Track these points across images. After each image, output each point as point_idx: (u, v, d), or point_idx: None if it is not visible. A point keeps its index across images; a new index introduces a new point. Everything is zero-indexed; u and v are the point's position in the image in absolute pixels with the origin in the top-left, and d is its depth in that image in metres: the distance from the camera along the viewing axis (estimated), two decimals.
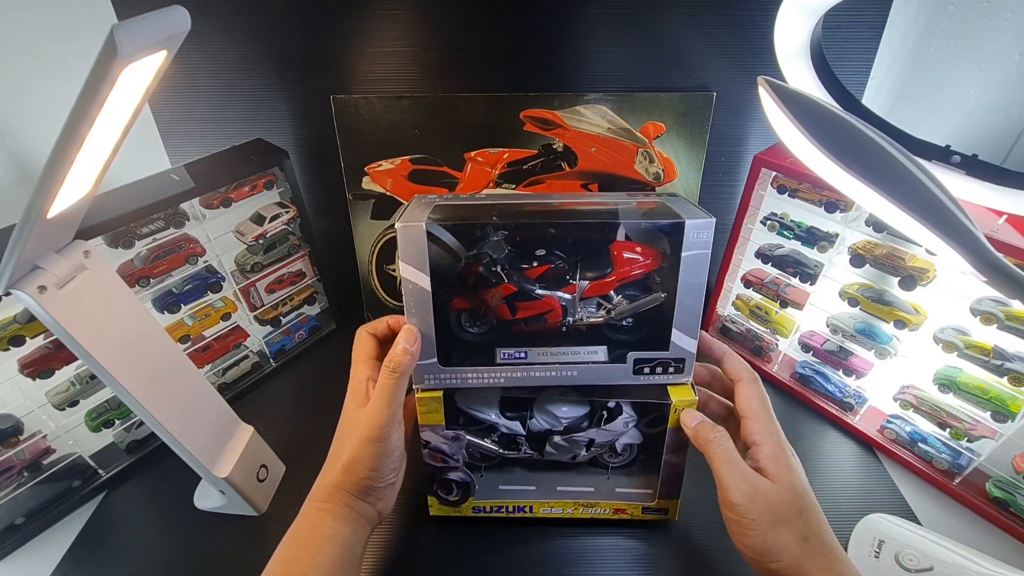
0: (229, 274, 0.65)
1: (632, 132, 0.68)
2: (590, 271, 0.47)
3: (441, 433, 0.49)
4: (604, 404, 0.51)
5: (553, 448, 0.52)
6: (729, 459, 0.42)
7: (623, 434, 0.51)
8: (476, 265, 0.46)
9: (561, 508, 0.53)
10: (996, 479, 0.54)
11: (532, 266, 0.47)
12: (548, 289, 0.47)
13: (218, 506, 0.55)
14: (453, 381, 0.47)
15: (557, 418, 0.50)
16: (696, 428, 0.45)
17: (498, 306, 0.47)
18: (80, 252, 0.42)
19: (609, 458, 0.54)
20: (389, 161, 0.71)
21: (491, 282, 0.46)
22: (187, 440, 0.48)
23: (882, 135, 0.35)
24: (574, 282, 0.47)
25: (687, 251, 0.43)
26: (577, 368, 0.47)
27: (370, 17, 0.64)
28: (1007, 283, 0.35)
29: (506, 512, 0.53)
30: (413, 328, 0.44)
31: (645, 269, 0.47)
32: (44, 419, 0.53)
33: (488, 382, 0.47)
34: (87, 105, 0.30)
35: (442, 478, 0.51)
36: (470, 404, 0.50)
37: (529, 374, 0.47)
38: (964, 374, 0.54)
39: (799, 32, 0.52)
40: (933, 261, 0.54)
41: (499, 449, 0.52)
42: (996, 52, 0.62)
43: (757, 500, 0.39)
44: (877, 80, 0.67)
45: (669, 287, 0.45)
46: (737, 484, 0.40)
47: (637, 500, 0.53)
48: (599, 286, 0.47)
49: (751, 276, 0.69)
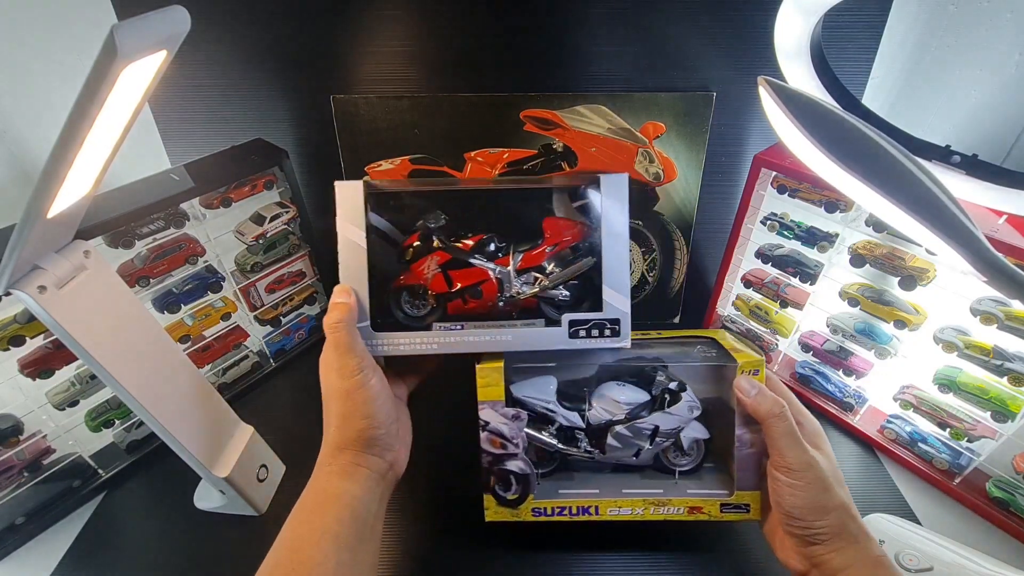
0: (229, 274, 0.65)
1: (632, 132, 0.68)
2: (523, 243, 0.48)
3: (500, 411, 0.47)
4: (665, 386, 0.49)
5: (615, 440, 0.49)
6: (792, 432, 0.43)
7: (689, 422, 0.49)
8: (412, 236, 0.48)
9: (630, 508, 0.49)
10: (996, 479, 0.54)
11: (467, 236, 0.48)
12: (483, 260, 0.48)
13: (218, 506, 0.55)
14: (384, 348, 0.47)
15: (617, 403, 0.49)
16: (756, 399, 0.44)
17: (435, 277, 0.48)
18: (80, 252, 0.42)
19: (675, 458, 0.51)
20: (389, 161, 0.71)
21: (428, 251, 0.48)
22: (187, 440, 0.48)
23: (882, 135, 0.35)
24: (507, 255, 0.48)
25: (607, 200, 0.45)
26: (512, 332, 0.47)
27: (370, 17, 0.64)
28: (1007, 283, 0.35)
29: (569, 514, 0.49)
30: (343, 285, 0.45)
31: (574, 238, 0.48)
32: (44, 419, 0.53)
33: (421, 348, 0.47)
34: (87, 105, 0.30)
35: (500, 469, 0.48)
36: (526, 393, 0.49)
37: (463, 339, 0.47)
38: (964, 374, 0.54)
39: (799, 32, 0.52)
40: (933, 261, 0.54)
41: (557, 443, 0.49)
42: (996, 52, 0.62)
43: (814, 467, 0.42)
44: (877, 80, 0.67)
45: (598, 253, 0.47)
46: (797, 454, 0.42)
47: (716, 497, 0.49)
48: (532, 257, 0.48)
49: (751, 276, 0.69)
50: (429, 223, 0.48)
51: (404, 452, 0.47)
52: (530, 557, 0.52)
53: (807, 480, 0.41)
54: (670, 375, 0.50)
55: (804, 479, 0.41)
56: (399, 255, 0.48)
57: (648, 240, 0.75)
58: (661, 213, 0.73)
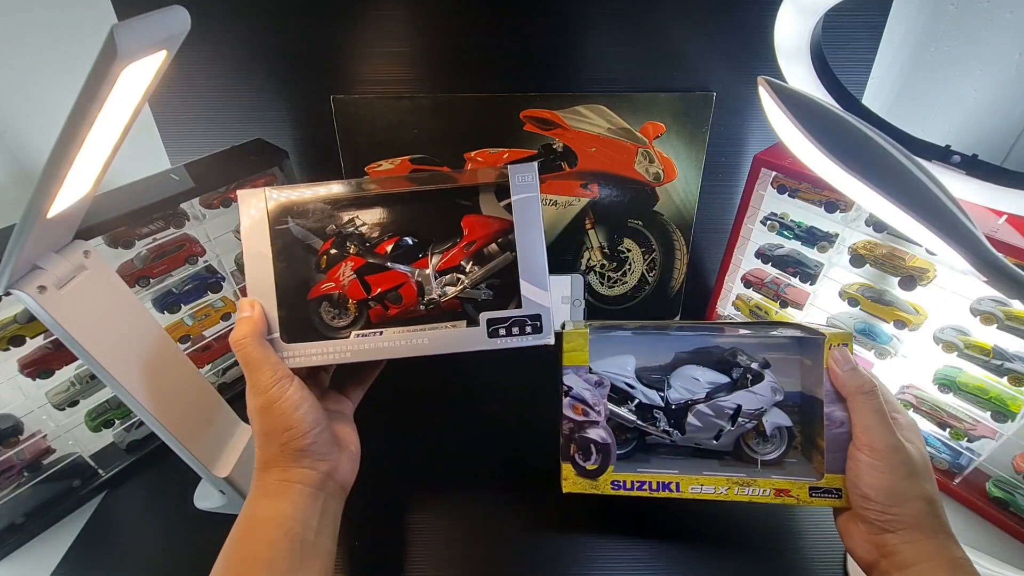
0: (229, 274, 0.65)
1: (632, 132, 0.68)
2: (440, 244, 0.47)
3: (584, 376, 0.47)
4: (747, 366, 0.48)
5: (696, 420, 0.48)
6: (881, 411, 0.41)
7: (772, 405, 0.48)
8: (326, 243, 0.46)
9: (713, 487, 0.47)
10: (996, 479, 0.54)
11: (382, 240, 0.46)
12: (400, 263, 0.46)
13: (218, 506, 0.55)
14: (295, 359, 0.44)
15: (698, 382, 0.48)
16: (849, 373, 0.43)
17: (351, 284, 0.46)
18: (80, 252, 0.42)
19: (757, 446, 0.49)
20: (389, 161, 0.71)
21: (341, 257, 0.46)
22: (187, 440, 0.48)
23: (882, 135, 0.35)
24: (425, 256, 0.47)
25: (516, 195, 0.44)
26: (428, 335, 0.45)
27: (370, 17, 0.64)
28: (1007, 283, 0.35)
29: (649, 490, 0.48)
30: (246, 300, 0.44)
31: (491, 234, 0.46)
32: (44, 419, 0.53)
33: (334, 357, 0.44)
34: (87, 105, 0.30)
35: (581, 437, 0.47)
36: (605, 369, 0.49)
37: (377, 345, 0.45)
38: (964, 374, 0.54)
39: (799, 32, 0.52)
40: (933, 261, 0.54)
41: (636, 419, 0.49)
42: (996, 52, 0.62)
43: (901, 451, 0.40)
44: (877, 80, 0.67)
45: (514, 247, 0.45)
46: (884, 434, 0.40)
47: (803, 481, 0.46)
48: (451, 257, 0.47)
49: (751, 276, 0.69)
50: (343, 229, 0.46)
51: (346, 461, 0.44)
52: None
53: (891, 463, 0.39)
54: (751, 357, 0.49)
55: (887, 461, 0.40)
56: (315, 263, 0.46)
57: (648, 240, 0.75)
58: (661, 213, 0.73)
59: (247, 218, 0.44)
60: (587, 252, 0.76)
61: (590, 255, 0.76)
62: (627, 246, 0.76)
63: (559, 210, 0.73)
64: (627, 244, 0.76)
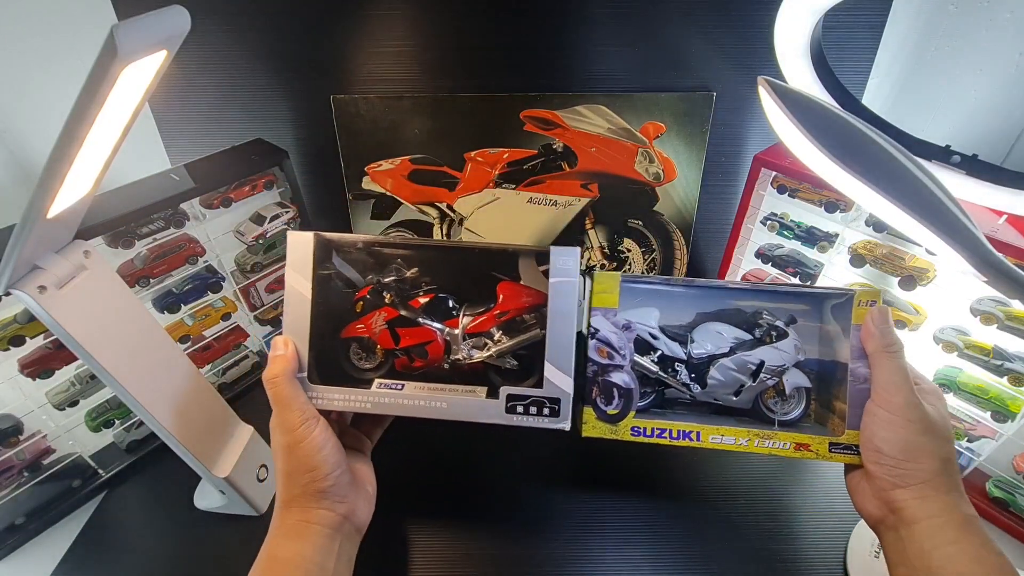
0: (229, 274, 0.65)
1: (632, 132, 0.68)
2: (473, 307, 0.47)
3: (612, 319, 0.46)
4: (771, 323, 0.48)
5: (718, 374, 0.48)
6: (906, 368, 0.41)
7: (794, 363, 0.48)
8: (364, 289, 0.46)
9: (734, 438, 0.47)
10: (996, 479, 0.54)
11: (418, 294, 0.47)
12: (431, 319, 0.47)
13: (218, 506, 0.55)
14: (318, 401, 0.45)
15: (721, 336, 0.48)
16: (883, 329, 0.42)
17: (382, 333, 0.47)
18: (80, 252, 0.42)
19: (775, 405, 0.49)
20: (389, 161, 0.71)
21: (376, 305, 0.46)
22: (187, 440, 0.48)
23: (882, 135, 0.35)
24: (457, 316, 0.47)
25: (554, 278, 0.43)
26: (446, 400, 0.45)
27: (370, 17, 0.64)
28: (1007, 283, 0.35)
29: (669, 437, 0.47)
30: (281, 338, 0.44)
31: (524, 306, 0.46)
32: (44, 419, 0.53)
33: (355, 405, 0.45)
34: (87, 105, 0.30)
35: (604, 380, 0.47)
36: (630, 316, 0.48)
37: (397, 401, 0.45)
38: (964, 374, 0.54)
39: (799, 32, 0.52)
40: (933, 261, 0.54)
41: (658, 371, 0.48)
42: (996, 52, 0.62)
43: (919, 408, 0.39)
44: (877, 80, 0.67)
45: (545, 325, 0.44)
46: (905, 391, 0.39)
47: (823, 436, 0.46)
48: (481, 322, 0.47)
49: (751, 276, 0.69)
50: (381, 277, 0.47)
51: (363, 504, 0.44)
52: None
53: (907, 418, 0.39)
54: (776, 315, 0.48)
55: (904, 416, 0.39)
56: (351, 306, 0.47)
57: (648, 240, 0.75)
58: (661, 213, 0.73)
59: (293, 259, 0.44)
60: (587, 252, 0.76)
61: (590, 255, 0.76)
62: (627, 246, 0.76)
63: (559, 210, 0.73)
64: (627, 244, 0.76)
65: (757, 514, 0.55)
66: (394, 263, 0.47)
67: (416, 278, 0.47)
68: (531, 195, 0.72)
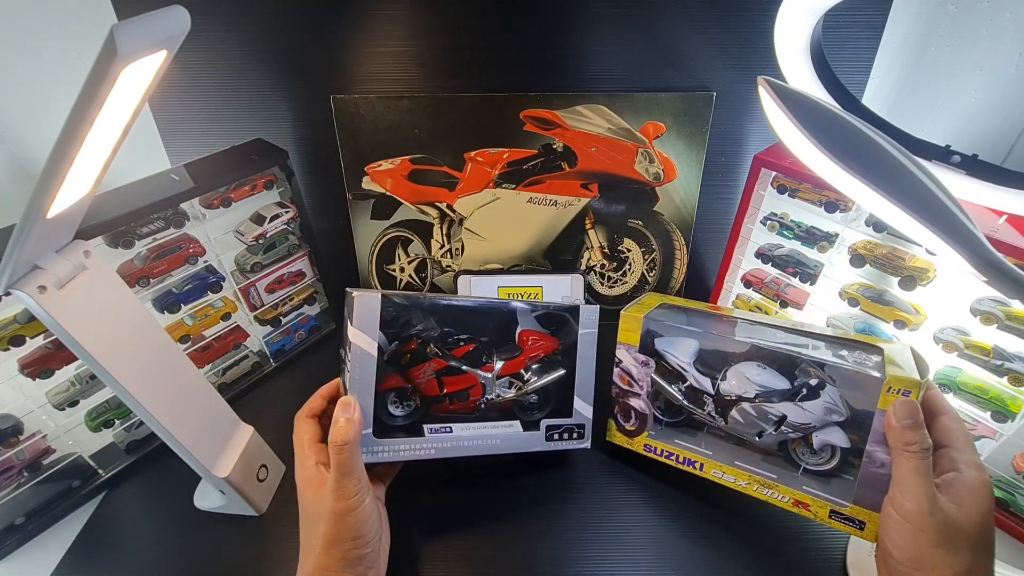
0: (229, 274, 0.65)
1: (632, 132, 0.68)
2: (503, 354, 0.53)
3: (633, 354, 0.53)
4: (805, 380, 0.47)
5: (739, 416, 0.50)
6: (923, 471, 0.38)
7: (824, 425, 0.46)
8: (410, 343, 0.49)
9: (734, 477, 0.50)
10: (996, 479, 0.54)
11: (459, 345, 0.51)
12: (471, 367, 0.52)
13: (218, 506, 0.55)
14: (385, 454, 0.49)
15: (749, 382, 0.49)
16: (906, 426, 0.40)
17: (428, 381, 0.50)
18: (80, 252, 0.42)
19: (803, 455, 0.48)
20: (389, 161, 0.71)
21: (425, 358, 0.50)
22: (187, 440, 0.48)
23: (882, 135, 0.35)
24: (491, 363, 0.52)
25: (583, 330, 0.53)
26: (499, 436, 0.52)
27: (370, 17, 0.64)
28: (1007, 283, 0.35)
29: (675, 461, 0.53)
30: (350, 399, 0.44)
31: (546, 351, 0.54)
32: (44, 419, 0.53)
33: (420, 453, 0.50)
34: (87, 105, 0.30)
35: (623, 402, 0.55)
36: (667, 348, 0.52)
37: (458, 443, 0.51)
38: (964, 374, 0.54)
39: (799, 32, 0.52)
40: (933, 261, 0.54)
41: (683, 399, 0.52)
42: (996, 52, 0.62)
43: (935, 515, 0.37)
44: (877, 80, 0.67)
45: (566, 365, 0.54)
46: (918, 496, 0.37)
47: (827, 501, 0.46)
48: (511, 365, 0.53)
49: (751, 276, 0.69)
50: (426, 332, 0.50)
51: (384, 563, 0.45)
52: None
53: (920, 527, 0.37)
54: (812, 372, 0.47)
55: (916, 524, 0.37)
56: (391, 358, 0.48)
57: (648, 240, 0.75)
58: (661, 213, 0.73)
59: (359, 318, 0.46)
60: (587, 252, 0.76)
61: (590, 255, 0.76)
62: (627, 246, 0.76)
63: (559, 210, 0.73)
64: (627, 244, 0.76)
65: (758, 514, 0.55)
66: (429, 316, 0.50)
67: (453, 329, 0.51)
68: (531, 195, 0.72)
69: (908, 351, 0.48)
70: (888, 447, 0.42)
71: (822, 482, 0.47)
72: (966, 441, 0.41)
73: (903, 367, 0.44)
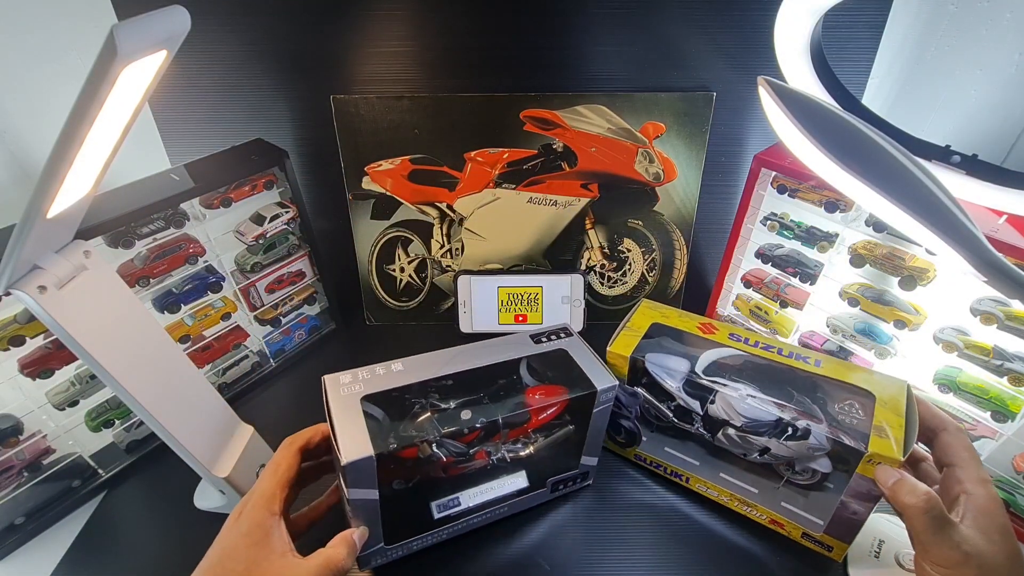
0: (229, 274, 0.65)
1: (632, 132, 0.68)
2: (510, 423, 0.49)
3: (622, 386, 0.53)
4: (791, 422, 0.48)
5: (725, 438, 0.52)
6: (935, 526, 0.37)
7: (809, 459, 0.49)
8: (412, 448, 0.45)
9: (717, 492, 0.53)
10: (996, 479, 0.54)
11: (464, 433, 0.47)
12: (479, 445, 0.49)
13: (218, 506, 0.55)
14: (399, 552, 0.49)
15: (737, 413, 0.50)
16: (894, 487, 0.40)
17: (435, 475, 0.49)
18: (80, 252, 0.42)
19: (786, 471, 0.51)
20: (389, 161, 0.71)
21: (429, 461, 0.47)
22: (187, 440, 0.48)
23: (882, 135, 0.35)
24: (498, 432, 0.49)
25: (597, 408, 0.50)
26: (508, 504, 0.52)
27: (370, 17, 0.64)
28: (1007, 283, 0.35)
29: (663, 472, 0.57)
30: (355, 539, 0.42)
31: (556, 413, 0.51)
32: (44, 419, 0.53)
33: (432, 541, 0.50)
34: (87, 105, 0.30)
35: (614, 421, 0.56)
36: (656, 367, 0.52)
37: (468, 523, 0.51)
38: (964, 374, 0.54)
39: (799, 32, 0.52)
40: (933, 261, 0.54)
41: (672, 417, 0.54)
42: (996, 52, 0.62)
43: (970, 564, 0.36)
44: (877, 80, 0.67)
45: (575, 420, 0.52)
46: (948, 552, 0.36)
47: (800, 523, 0.49)
48: (519, 431, 0.51)
49: (751, 276, 0.69)
50: (428, 437, 0.45)
51: None
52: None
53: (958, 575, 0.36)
54: (803, 414, 0.48)
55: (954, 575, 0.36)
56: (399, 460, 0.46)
57: (648, 240, 0.75)
58: (661, 213, 0.73)
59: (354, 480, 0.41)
60: (587, 252, 0.76)
61: (590, 255, 0.76)
62: (627, 246, 0.76)
63: (559, 210, 0.73)
64: (627, 244, 0.76)
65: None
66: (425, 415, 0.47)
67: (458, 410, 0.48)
68: (531, 195, 0.72)
69: (904, 393, 0.47)
70: (865, 503, 0.44)
71: (801, 494, 0.51)
72: (968, 455, 0.40)
73: (889, 428, 0.43)
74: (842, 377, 0.49)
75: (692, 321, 0.56)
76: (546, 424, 0.51)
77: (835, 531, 0.47)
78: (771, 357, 0.51)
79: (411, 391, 0.47)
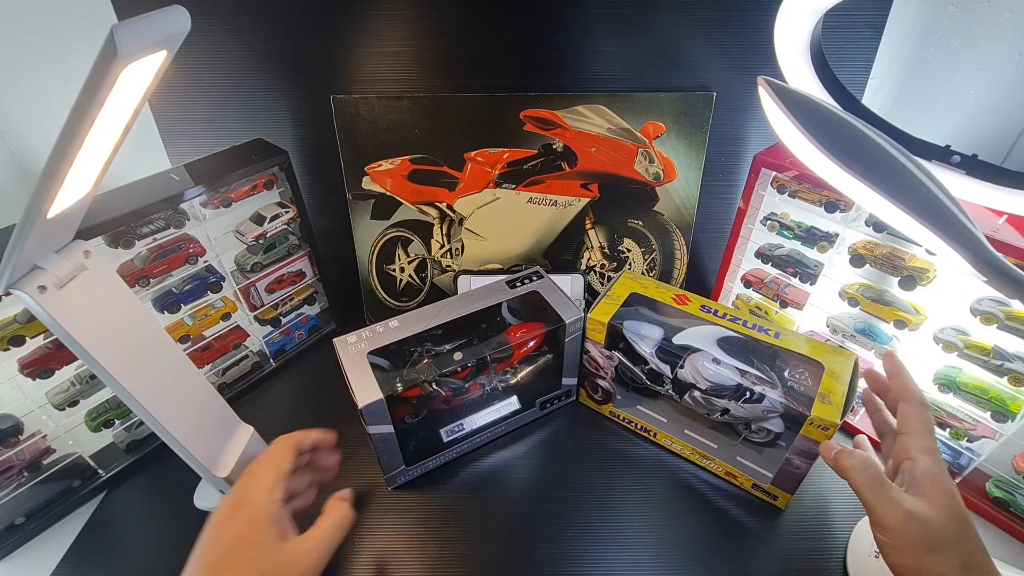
0: (229, 274, 0.65)
1: (632, 132, 0.68)
2: (497, 356, 0.58)
3: (599, 349, 0.60)
4: (749, 387, 0.52)
5: (691, 400, 0.57)
6: (875, 485, 0.39)
7: (763, 420, 0.54)
8: (415, 388, 0.54)
9: (680, 447, 0.60)
10: (996, 479, 0.54)
11: (458, 371, 0.56)
12: (473, 379, 0.59)
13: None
14: (418, 471, 0.59)
15: (702, 377, 0.55)
16: (836, 456, 0.43)
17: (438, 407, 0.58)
18: (80, 252, 0.42)
19: (744, 429, 0.57)
20: (389, 161, 0.71)
21: (431, 397, 0.57)
22: (187, 440, 0.48)
23: (882, 135, 0.35)
24: (488, 367, 0.58)
25: (568, 336, 0.59)
26: (504, 424, 0.62)
27: (370, 17, 0.64)
28: (1007, 283, 0.35)
29: (634, 427, 0.63)
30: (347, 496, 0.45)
31: (536, 346, 0.60)
32: (44, 419, 0.53)
33: (444, 460, 0.60)
34: (87, 105, 0.30)
35: (592, 380, 0.64)
36: (633, 334, 0.57)
37: (472, 443, 0.61)
38: (964, 374, 0.54)
39: (799, 32, 0.52)
40: (933, 261, 0.54)
41: (645, 379, 0.59)
42: (996, 52, 0.62)
43: (913, 523, 0.37)
44: (877, 80, 0.67)
45: (552, 349, 0.61)
46: (890, 511, 0.38)
47: (752, 475, 0.56)
48: (505, 365, 0.60)
49: (751, 276, 0.69)
50: (426, 376, 0.54)
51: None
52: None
53: (907, 539, 0.37)
54: (759, 379, 0.52)
55: (902, 538, 0.37)
56: (398, 399, 0.53)
57: (648, 240, 0.75)
58: (661, 213, 0.73)
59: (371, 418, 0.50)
60: (587, 252, 0.76)
61: (590, 255, 0.76)
62: (627, 246, 0.76)
63: (559, 210, 0.73)
64: (627, 244, 0.76)
65: (760, 517, 0.55)
66: (424, 359, 0.56)
67: (450, 353, 0.56)
68: (531, 195, 0.72)
69: (851, 364, 0.52)
70: (805, 459, 0.50)
71: (756, 450, 0.57)
72: (922, 426, 0.41)
73: (831, 396, 0.49)
74: (797, 349, 0.54)
75: (668, 292, 0.61)
76: (528, 356, 0.61)
77: (781, 483, 0.54)
78: (736, 328, 0.56)
79: (408, 342, 0.55)
